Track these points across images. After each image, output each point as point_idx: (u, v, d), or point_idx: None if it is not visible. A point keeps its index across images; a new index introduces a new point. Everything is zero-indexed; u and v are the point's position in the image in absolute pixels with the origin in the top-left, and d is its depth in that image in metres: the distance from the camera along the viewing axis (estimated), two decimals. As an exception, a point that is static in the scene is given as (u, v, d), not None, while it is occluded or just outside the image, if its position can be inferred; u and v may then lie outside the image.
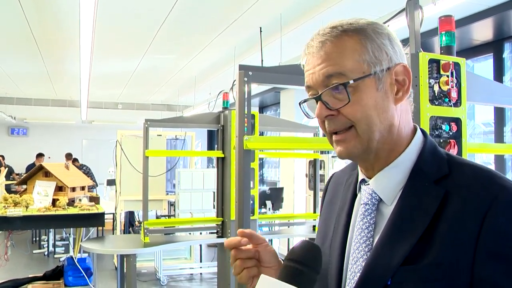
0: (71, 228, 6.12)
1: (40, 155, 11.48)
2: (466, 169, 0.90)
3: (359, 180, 1.01)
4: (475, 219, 0.82)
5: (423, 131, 0.99)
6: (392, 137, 0.93)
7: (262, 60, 4.83)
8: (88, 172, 9.97)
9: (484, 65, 5.40)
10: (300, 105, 1.01)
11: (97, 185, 9.62)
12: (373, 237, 0.93)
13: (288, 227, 5.28)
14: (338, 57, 0.90)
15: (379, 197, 0.94)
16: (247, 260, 0.99)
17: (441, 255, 0.82)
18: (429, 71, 2.19)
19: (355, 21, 0.94)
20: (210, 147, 14.54)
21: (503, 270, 0.80)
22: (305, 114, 1.00)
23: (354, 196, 1.03)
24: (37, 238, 8.85)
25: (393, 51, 0.93)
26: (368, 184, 0.97)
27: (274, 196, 7.35)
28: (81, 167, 10.24)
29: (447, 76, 2.20)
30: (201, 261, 7.27)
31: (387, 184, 0.94)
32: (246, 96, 2.27)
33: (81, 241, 4.63)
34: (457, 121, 2.24)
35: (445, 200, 0.86)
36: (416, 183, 0.91)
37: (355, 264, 0.93)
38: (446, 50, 2.27)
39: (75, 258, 4.71)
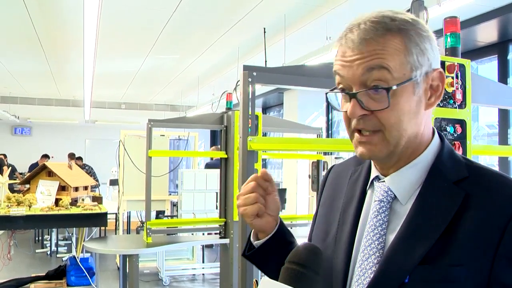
0: (74, 228, 6.14)
1: (45, 156, 11.48)
2: (486, 174, 0.91)
3: (372, 176, 1.00)
4: (498, 225, 0.82)
5: (440, 135, 0.99)
6: (416, 141, 0.93)
7: (265, 61, 4.82)
8: (90, 172, 9.99)
9: (488, 67, 5.38)
10: (326, 95, 0.97)
11: (99, 185, 9.63)
12: (386, 235, 0.92)
13: (291, 228, 5.26)
14: (382, 53, 0.87)
15: (394, 195, 0.94)
16: (260, 197, 1.04)
17: (461, 256, 0.83)
18: (433, 72, 2.17)
19: (396, 15, 0.90)
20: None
21: None
22: (331, 105, 0.97)
23: (363, 192, 1.02)
24: (40, 238, 8.85)
25: (433, 56, 0.91)
26: (383, 181, 0.96)
27: (277, 197, 7.33)
28: (83, 167, 10.27)
29: (452, 77, 2.19)
30: (203, 262, 7.26)
31: (403, 183, 0.94)
32: (250, 97, 2.26)
33: (84, 241, 4.64)
34: (462, 123, 2.23)
35: (466, 203, 0.86)
36: (435, 183, 0.91)
37: (366, 260, 0.93)
38: (451, 51, 2.26)
39: (78, 258, 4.71)
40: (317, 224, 1.13)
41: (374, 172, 1.00)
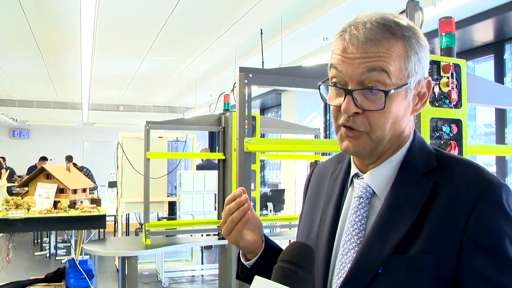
0: (73, 230, 6.13)
1: (43, 159, 11.47)
2: (454, 163, 0.94)
3: (352, 173, 1.03)
4: (463, 211, 0.85)
5: (414, 130, 1.02)
6: (397, 142, 0.96)
7: (263, 62, 4.84)
8: (88, 174, 9.99)
9: (485, 66, 5.39)
10: (319, 86, 0.99)
11: (96, 187, 9.63)
12: (365, 230, 0.95)
13: (290, 228, 5.27)
14: (385, 56, 0.89)
15: (372, 190, 0.97)
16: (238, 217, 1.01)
17: (430, 244, 0.86)
18: (429, 72, 2.19)
19: (399, 21, 0.92)
20: (211, 149, 14.55)
21: (487, 261, 0.84)
22: (321, 97, 0.99)
23: (342, 189, 1.04)
24: (39, 240, 8.85)
25: (426, 65, 0.95)
26: (362, 178, 0.99)
27: (276, 197, 7.34)
28: (81, 169, 10.25)
29: (448, 77, 2.20)
30: (202, 263, 7.26)
31: (381, 179, 0.96)
32: (246, 98, 2.27)
33: (83, 243, 4.64)
34: (458, 123, 2.24)
35: (434, 192, 0.89)
36: (406, 175, 0.94)
37: (346, 255, 0.95)
38: (447, 51, 2.27)
39: (77, 260, 4.72)
40: (301, 222, 1.16)
41: (353, 170, 1.02)
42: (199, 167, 7.99)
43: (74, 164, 10.93)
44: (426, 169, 0.93)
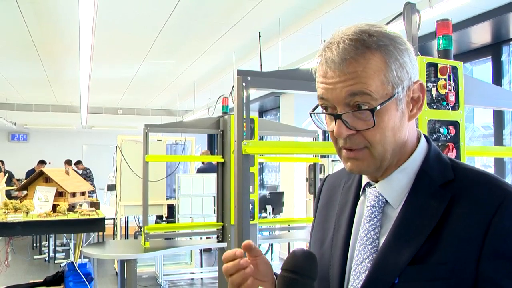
0: (72, 234, 6.14)
1: (41, 162, 11.47)
2: (471, 175, 0.93)
3: (364, 183, 1.02)
4: (482, 222, 0.85)
5: (427, 138, 1.01)
6: (402, 151, 0.95)
7: (261, 65, 4.85)
8: (89, 176, 10.01)
9: (483, 68, 5.41)
10: (311, 115, 0.97)
11: (95, 191, 9.64)
12: (379, 239, 0.94)
13: (289, 231, 5.28)
14: (363, 76, 0.87)
15: (385, 199, 0.96)
16: (240, 274, 0.93)
17: (448, 255, 0.85)
18: (426, 75, 2.20)
19: (373, 29, 0.90)
20: (211, 151, 14.54)
21: (507, 271, 0.83)
22: (316, 125, 0.98)
23: (356, 198, 1.04)
24: (38, 244, 8.84)
25: (412, 68, 0.92)
26: (374, 187, 0.98)
27: (275, 200, 7.35)
28: (85, 170, 10.31)
29: (445, 79, 2.21)
30: (201, 266, 7.26)
31: (393, 188, 0.96)
32: (244, 101, 2.28)
33: (82, 246, 4.64)
34: (455, 125, 2.25)
35: (452, 203, 0.88)
36: (422, 186, 0.93)
37: (360, 264, 0.95)
38: (444, 53, 2.28)
39: (76, 263, 4.72)
40: (314, 232, 1.15)
41: (365, 179, 1.02)
42: (200, 170, 7.98)
43: (79, 163, 10.97)
44: (443, 181, 0.92)
